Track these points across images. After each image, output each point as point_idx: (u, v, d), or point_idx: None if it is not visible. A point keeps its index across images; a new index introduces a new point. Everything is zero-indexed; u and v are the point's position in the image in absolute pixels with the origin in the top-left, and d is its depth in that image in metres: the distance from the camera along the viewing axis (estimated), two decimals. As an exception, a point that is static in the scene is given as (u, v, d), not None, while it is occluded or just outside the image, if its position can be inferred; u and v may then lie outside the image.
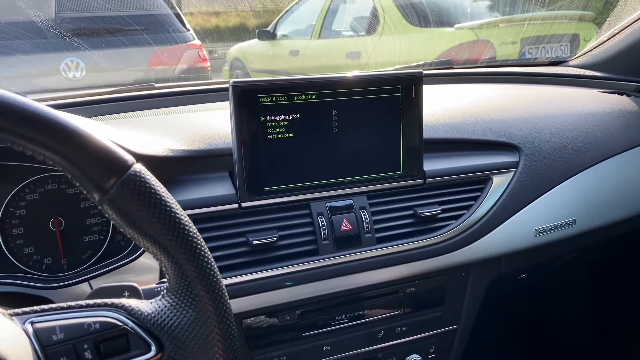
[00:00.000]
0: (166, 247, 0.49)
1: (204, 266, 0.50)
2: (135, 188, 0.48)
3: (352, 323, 0.98)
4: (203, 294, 0.50)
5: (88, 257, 0.84)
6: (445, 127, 1.08)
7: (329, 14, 4.24)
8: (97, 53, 1.76)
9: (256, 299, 0.87)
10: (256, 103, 0.86)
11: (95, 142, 0.48)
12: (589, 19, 2.62)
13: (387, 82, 0.93)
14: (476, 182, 1.04)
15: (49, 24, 1.54)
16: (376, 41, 3.78)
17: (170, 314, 0.51)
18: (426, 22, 3.64)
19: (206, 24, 4.69)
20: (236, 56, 4.66)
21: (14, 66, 1.77)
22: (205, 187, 0.89)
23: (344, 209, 0.93)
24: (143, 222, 0.48)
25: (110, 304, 0.52)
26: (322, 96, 0.89)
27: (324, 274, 0.90)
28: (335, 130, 0.91)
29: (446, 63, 1.59)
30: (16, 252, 0.81)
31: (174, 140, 0.90)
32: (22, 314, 0.49)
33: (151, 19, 2.65)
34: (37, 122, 0.45)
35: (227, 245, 0.86)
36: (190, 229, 0.50)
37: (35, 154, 0.46)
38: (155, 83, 1.24)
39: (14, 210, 0.81)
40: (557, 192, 1.09)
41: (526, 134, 1.11)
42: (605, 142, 1.18)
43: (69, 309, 0.50)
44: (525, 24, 3.05)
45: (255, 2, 4.85)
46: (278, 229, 0.89)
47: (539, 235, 1.06)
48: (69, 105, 1.06)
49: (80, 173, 0.47)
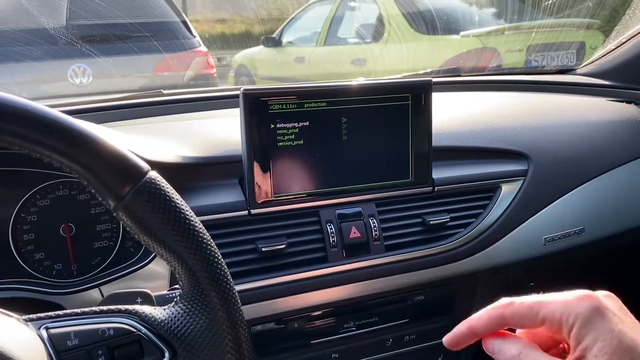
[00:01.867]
0: (180, 254, 0.50)
1: (218, 273, 0.50)
2: (151, 195, 0.48)
3: (360, 331, 0.98)
4: (216, 301, 0.50)
5: (98, 263, 0.85)
6: (454, 135, 1.08)
7: (334, 21, 4.25)
8: (105, 60, 1.77)
9: (265, 306, 0.87)
10: (266, 110, 0.86)
11: (112, 149, 0.48)
12: (595, 27, 2.62)
13: (397, 90, 0.93)
14: (485, 190, 1.04)
15: (60, 31, 1.55)
16: (382, 48, 3.79)
17: (184, 320, 0.51)
18: (432, 30, 3.65)
19: (212, 30, 4.72)
20: (242, 63, 4.68)
21: (24, 72, 1.78)
22: (214, 194, 0.89)
23: (352, 217, 0.93)
24: (158, 229, 0.49)
25: (124, 310, 0.52)
26: (331, 104, 0.89)
27: (333, 281, 0.90)
28: (345, 138, 0.91)
29: (454, 71, 1.60)
30: (27, 257, 0.81)
31: (184, 147, 0.91)
32: (37, 319, 0.49)
33: (158, 26, 2.66)
34: (54, 129, 0.45)
35: (236, 252, 0.86)
36: (205, 236, 0.51)
37: (52, 161, 0.46)
38: (163, 90, 1.25)
39: (25, 215, 0.82)
40: (566, 201, 1.09)
41: (535, 142, 1.11)
42: (614, 151, 1.18)
43: (83, 315, 0.50)
44: (532, 32, 3.05)
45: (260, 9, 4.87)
46: (287, 236, 0.89)
47: (548, 243, 1.06)
48: (78, 112, 1.07)
49: (96, 180, 0.47)
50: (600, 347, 0.41)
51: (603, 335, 0.41)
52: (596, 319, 0.42)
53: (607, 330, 0.41)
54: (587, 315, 0.42)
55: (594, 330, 0.41)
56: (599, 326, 0.41)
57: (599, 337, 0.41)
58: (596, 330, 0.41)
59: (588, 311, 0.42)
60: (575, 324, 0.42)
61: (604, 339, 0.41)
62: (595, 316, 0.42)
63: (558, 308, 0.43)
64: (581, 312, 0.42)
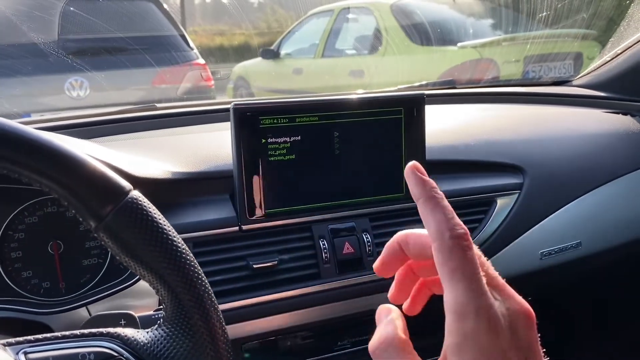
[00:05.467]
0: (162, 275, 0.48)
1: (201, 296, 0.49)
2: (132, 215, 0.47)
3: (354, 348, 0.96)
4: (200, 324, 0.49)
5: (87, 281, 0.83)
6: (448, 148, 1.07)
7: (332, 34, 4.26)
8: (101, 74, 1.77)
9: (257, 324, 0.86)
10: (257, 125, 0.85)
11: (91, 168, 0.47)
12: (592, 37, 2.62)
13: (389, 103, 0.93)
14: (480, 204, 1.03)
15: (51, 46, 1.55)
16: (379, 60, 3.80)
17: (167, 344, 0.50)
18: (429, 41, 3.65)
19: (210, 42, 4.73)
20: (240, 75, 4.69)
21: (16, 87, 1.78)
22: (205, 209, 0.88)
23: (346, 232, 0.92)
24: (139, 250, 0.48)
25: (106, 333, 0.50)
26: (323, 118, 0.89)
27: (326, 298, 0.89)
28: (337, 152, 0.90)
29: (449, 83, 1.59)
30: (14, 276, 0.80)
31: (175, 162, 0.90)
32: (15, 343, 0.48)
33: (156, 39, 2.67)
34: (32, 149, 0.45)
35: (227, 269, 0.85)
36: (187, 257, 0.50)
37: (31, 181, 0.45)
38: (158, 103, 1.24)
39: (13, 233, 0.80)
40: (562, 215, 1.08)
41: (530, 155, 1.10)
42: (610, 163, 1.17)
43: (64, 339, 0.49)
44: (529, 43, 3.06)
45: (259, 21, 4.89)
46: (279, 252, 0.88)
47: (544, 258, 1.05)
48: (72, 127, 1.06)
49: (76, 200, 0.46)
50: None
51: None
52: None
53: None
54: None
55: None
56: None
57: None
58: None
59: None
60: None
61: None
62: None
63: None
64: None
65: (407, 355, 0.38)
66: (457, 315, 0.35)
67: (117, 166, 0.78)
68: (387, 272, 0.44)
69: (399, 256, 0.43)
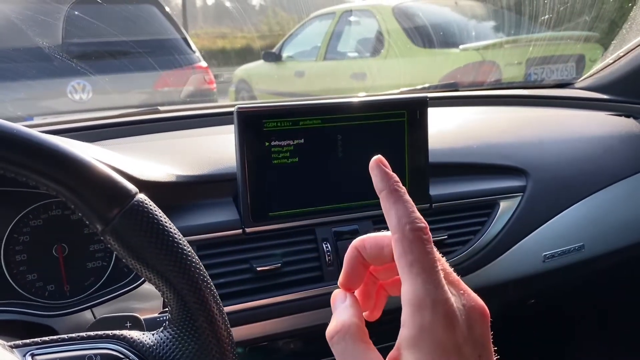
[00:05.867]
0: (168, 278, 0.49)
1: (207, 298, 0.50)
2: (138, 218, 0.47)
3: (357, 350, 0.96)
4: (205, 326, 0.49)
5: (91, 284, 0.83)
6: (451, 151, 1.08)
7: (334, 36, 4.27)
8: (104, 77, 1.77)
9: (260, 327, 0.86)
10: (261, 128, 0.85)
11: (98, 171, 0.47)
12: (594, 40, 2.63)
13: (392, 106, 0.93)
14: (483, 207, 1.03)
15: (55, 50, 1.56)
16: (381, 63, 3.80)
17: (172, 346, 0.50)
18: (431, 43, 3.66)
19: (212, 45, 4.74)
20: (242, 77, 4.70)
21: (21, 90, 1.78)
22: (209, 212, 0.88)
23: (349, 235, 0.92)
24: (145, 253, 0.48)
25: (112, 335, 0.51)
26: (327, 121, 0.89)
27: (329, 301, 0.89)
28: (340, 155, 0.91)
29: (452, 86, 1.59)
30: (19, 278, 0.80)
31: (178, 165, 0.90)
32: (22, 345, 0.49)
33: (158, 43, 2.68)
34: (39, 152, 0.45)
35: (231, 272, 0.85)
36: (193, 259, 0.50)
37: (39, 185, 0.46)
38: (161, 106, 1.24)
39: (18, 236, 0.81)
40: (565, 217, 1.08)
41: (533, 157, 1.11)
42: (613, 166, 1.17)
43: (70, 341, 0.49)
44: (531, 45, 3.06)
45: (261, 24, 4.90)
46: (282, 255, 0.88)
47: (547, 260, 1.05)
48: (75, 130, 1.06)
49: (82, 203, 0.47)
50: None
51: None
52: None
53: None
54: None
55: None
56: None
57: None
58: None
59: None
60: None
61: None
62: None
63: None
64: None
65: (363, 342, 0.38)
66: (414, 307, 0.35)
67: (123, 169, 0.78)
68: (352, 283, 0.43)
69: (360, 263, 0.42)
